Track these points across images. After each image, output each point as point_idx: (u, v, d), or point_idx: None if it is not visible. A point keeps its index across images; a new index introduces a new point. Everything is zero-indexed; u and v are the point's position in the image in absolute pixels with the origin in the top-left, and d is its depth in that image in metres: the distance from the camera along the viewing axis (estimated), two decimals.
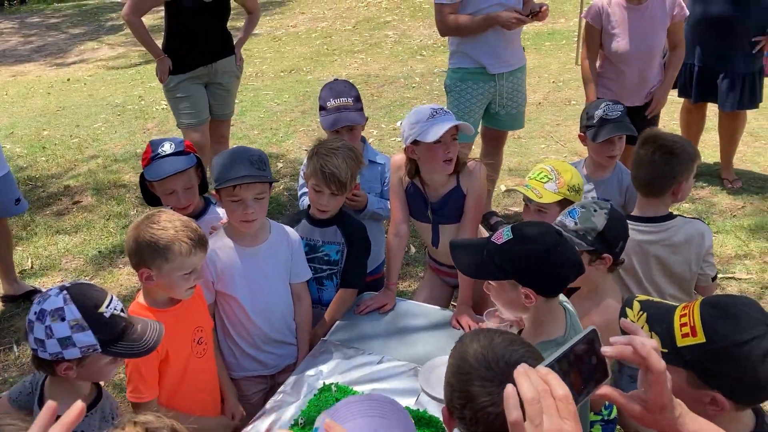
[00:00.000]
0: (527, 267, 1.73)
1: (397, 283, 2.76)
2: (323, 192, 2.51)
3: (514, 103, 4.14)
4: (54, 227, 4.81)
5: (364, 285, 2.76)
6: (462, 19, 3.86)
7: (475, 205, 2.58)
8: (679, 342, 1.28)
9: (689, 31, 4.56)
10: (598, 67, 4.00)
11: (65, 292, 1.69)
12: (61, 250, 4.51)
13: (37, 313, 1.69)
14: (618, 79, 3.92)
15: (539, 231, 1.79)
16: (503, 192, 4.90)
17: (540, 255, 1.72)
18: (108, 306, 1.72)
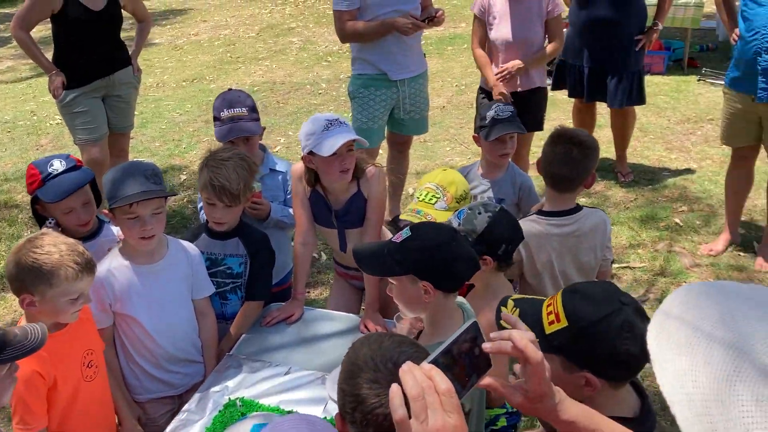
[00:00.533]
0: (423, 259, 1.80)
1: (305, 292, 2.75)
2: (216, 205, 2.46)
3: (417, 109, 4.21)
4: None
5: (271, 296, 2.73)
6: (360, 26, 3.90)
7: (376, 211, 2.61)
8: (547, 330, 1.38)
9: (576, 35, 4.79)
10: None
11: None
12: None
13: None
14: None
15: (435, 228, 1.91)
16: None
17: (434, 248, 1.81)
18: None
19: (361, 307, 2.99)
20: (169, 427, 2.13)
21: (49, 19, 4.11)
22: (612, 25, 4.61)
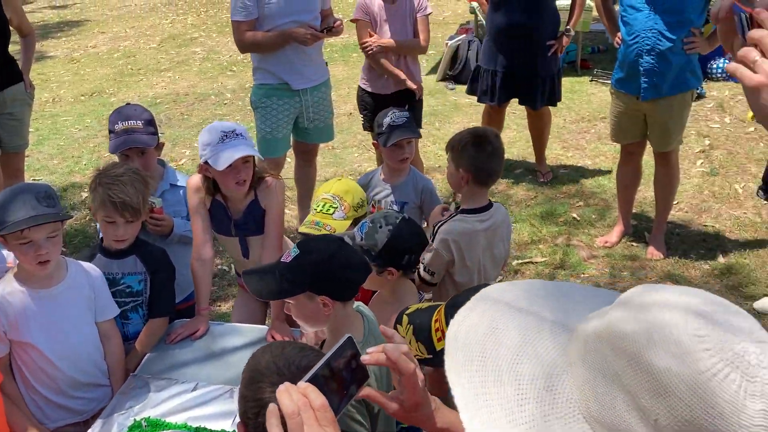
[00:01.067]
0: (317, 275, 1.82)
1: (209, 307, 2.73)
2: (117, 222, 2.42)
3: (321, 117, 4.24)
4: None
5: (177, 313, 2.69)
6: (259, 36, 3.90)
7: (275, 222, 2.63)
8: (437, 346, 1.40)
9: (491, 40, 4.97)
10: None
11: None
12: None
13: None
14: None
15: (322, 241, 1.93)
16: None
17: (326, 261, 1.82)
18: None
19: (267, 317, 2.99)
20: None
21: None
22: (525, 30, 4.78)
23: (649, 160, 4.31)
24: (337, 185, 2.69)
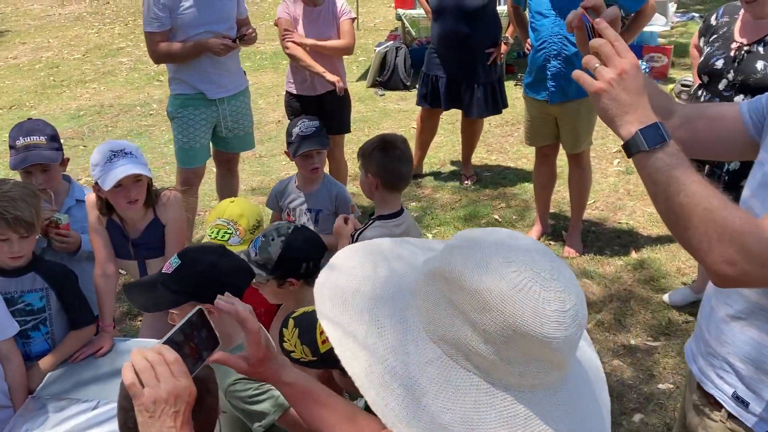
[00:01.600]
0: (201, 284, 1.83)
1: (114, 323, 2.68)
2: (11, 239, 2.35)
3: (241, 126, 4.22)
4: None
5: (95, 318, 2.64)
6: (174, 47, 3.86)
7: (175, 235, 2.61)
8: (322, 349, 1.43)
9: (433, 46, 5.03)
10: None
11: None
12: None
13: None
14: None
15: (203, 250, 1.94)
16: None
17: (209, 269, 1.84)
18: None
19: None
20: None
21: None
22: (465, 38, 4.85)
23: (565, 160, 4.44)
24: (231, 208, 2.67)
